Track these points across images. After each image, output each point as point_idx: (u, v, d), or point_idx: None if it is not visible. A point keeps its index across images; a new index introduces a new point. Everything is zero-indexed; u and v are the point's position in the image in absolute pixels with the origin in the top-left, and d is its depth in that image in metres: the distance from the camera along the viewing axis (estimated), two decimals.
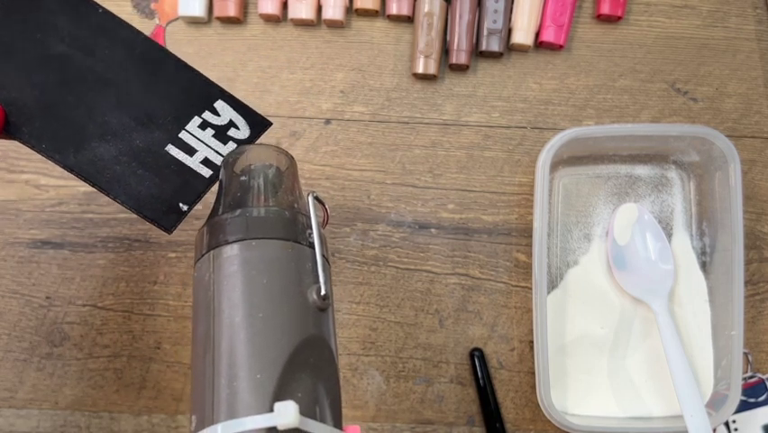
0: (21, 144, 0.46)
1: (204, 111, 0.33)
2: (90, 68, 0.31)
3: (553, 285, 0.45)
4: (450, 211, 0.46)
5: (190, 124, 0.33)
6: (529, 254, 0.46)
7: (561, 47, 0.47)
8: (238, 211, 0.29)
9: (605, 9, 0.47)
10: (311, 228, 0.29)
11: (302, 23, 0.47)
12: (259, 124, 0.33)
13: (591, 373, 0.44)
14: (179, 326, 0.45)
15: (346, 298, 0.45)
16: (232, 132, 0.33)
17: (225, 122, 0.33)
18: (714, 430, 0.43)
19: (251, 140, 0.34)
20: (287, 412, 0.23)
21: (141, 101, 0.32)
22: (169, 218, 0.34)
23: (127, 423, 0.44)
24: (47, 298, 0.45)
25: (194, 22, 0.47)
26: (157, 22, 0.47)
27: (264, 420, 0.24)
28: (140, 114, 0.32)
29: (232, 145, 0.33)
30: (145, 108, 0.32)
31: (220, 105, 0.33)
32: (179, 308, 0.45)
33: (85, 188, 0.46)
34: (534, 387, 0.44)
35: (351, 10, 0.47)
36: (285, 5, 0.47)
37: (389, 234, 0.46)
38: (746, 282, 0.45)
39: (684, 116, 0.47)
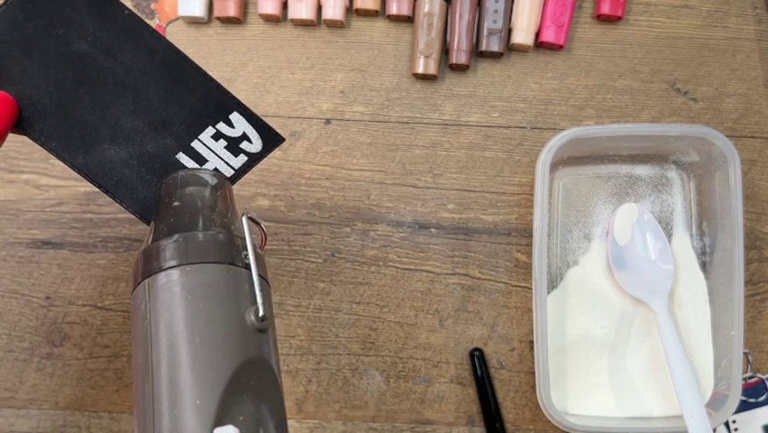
0: (21, 144, 0.46)
1: (219, 122, 0.32)
2: (110, 69, 0.31)
3: (553, 285, 0.45)
4: (450, 211, 0.46)
5: (204, 133, 0.33)
6: (529, 254, 0.46)
7: (561, 47, 0.47)
8: (173, 237, 0.28)
9: (605, 9, 0.47)
10: (246, 250, 0.29)
11: (302, 24, 0.47)
12: (272, 138, 0.33)
13: (591, 373, 0.44)
14: None
15: (346, 298, 0.45)
16: (244, 144, 0.33)
17: (239, 134, 0.33)
18: (714, 430, 0.43)
19: (262, 154, 0.33)
20: None
21: (158, 107, 0.32)
22: None
23: (127, 423, 0.44)
24: (47, 298, 0.45)
25: (194, 22, 0.47)
26: (157, 22, 0.47)
27: None
28: (154, 119, 0.32)
29: (243, 158, 0.33)
30: (161, 114, 0.32)
31: (235, 117, 0.33)
32: None
33: (85, 188, 0.46)
34: (534, 387, 0.44)
35: (351, 10, 0.47)
36: (285, 6, 0.47)
37: (389, 234, 0.46)
38: (746, 282, 0.45)
39: (684, 116, 0.47)
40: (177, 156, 0.33)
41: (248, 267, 0.28)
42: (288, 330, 0.45)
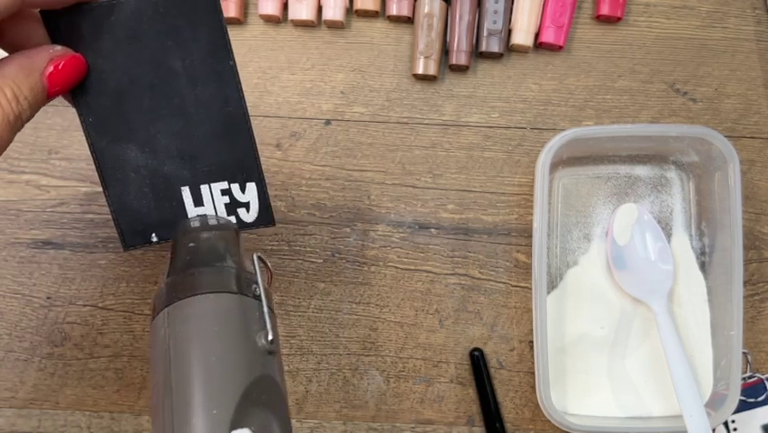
0: (22, 145, 0.46)
1: (235, 183, 0.34)
2: (183, 93, 0.32)
3: (552, 285, 0.45)
4: (450, 211, 0.46)
5: (217, 184, 0.34)
6: (529, 254, 0.46)
7: (560, 48, 0.47)
8: (189, 271, 0.31)
9: (604, 10, 0.47)
10: (256, 283, 0.32)
11: (302, 24, 0.47)
12: (266, 218, 0.35)
13: (591, 373, 0.44)
14: None
15: (346, 298, 0.45)
16: (241, 211, 0.35)
17: (244, 201, 0.35)
18: (713, 430, 0.44)
19: (250, 226, 0.35)
20: None
21: (197, 144, 0.33)
22: (134, 238, 0.34)
23: (128, 423, 0.44)
24: (48, 298, 0.45)
25: None
26: None
27: None
28: (187, 151, 0.33)
29: (233, 219, 0.35)
30: (195, 150, 0.33)
31: (251, 186, 0.34)
32: None
33: (86, 188, 0.46)
34: (534, 387, 0.44)
35: (351, 11, 0.47)
36: (285, 6, 0.47)
37: (389, 235, 0.46)
38: (746, 282, 0.45)
39: (683, 117, 0.47)
40: (182, 188, 0.34)
41: (257, 298, 0.31)
42: (289, 330, 0.45)
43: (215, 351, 0.28)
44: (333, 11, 0.46)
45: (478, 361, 0.44)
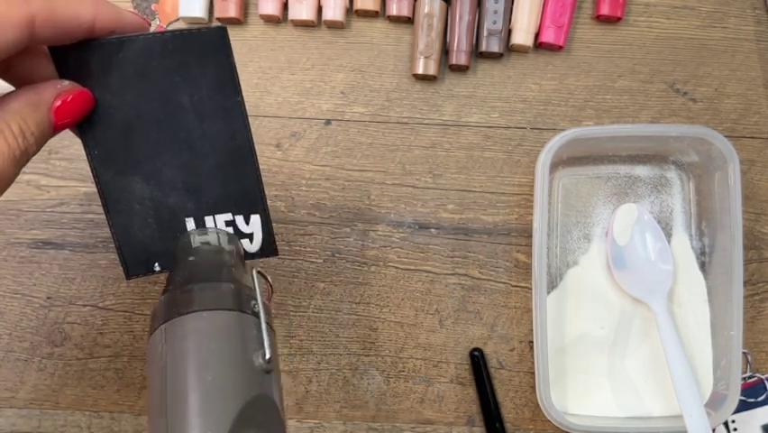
0: None
1: (240, 215, 0.34)
2: (190, 128, 0.32)
3: (552, 285, 0.45)
4: (450, 211, 0.46)
5: (221, 215, 0.34)
6: (529, 254, 0.46)
7: (560, 48, 0.47)
8: (188, 287, 0.31)
9: (604, 10, 0.47)
10: (255, 300, 0.31)
11: (302, 24, 0.47)
12: (269, 248, 0.35)
13: (591, 373, 0.44)
14: None
15: (346, 298, 0.45)
16: (245, 241, 0.35)
17: (247, 232, 0.35)
18: (713, 430, 0.44)
19: (252, 256, 0.35)
20: None
21: (203, 176, 0.33)
22: (137, 267, 0.34)
23: (128, 423, 0.44)
24: (48, 298, 0.45)
25: (195, 23, 0.47)
26: (158, 23, 0.47)
27: None
28: (193, 183, 0.33)
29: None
30: (201, 183, 0.33)
31: (255, 218, 0.34)
32: None
33: (86, 188, 0.46)
34: (534, 387, 0.44)
35: (351, 11, 0.47)
36: (285, 6, 0.47)
37: (389, 235, 0.46)
38: (745, 282, 0.45)
39: (683, 117, 0.47)
40: (186, 219, 0.34)
41: (256, 315, 0.31)
42: (289, 330, 0.45)
43: (212, 370, 0.28)
44: (333, 11, 0.46)
45: (478, 361, 0.44)
